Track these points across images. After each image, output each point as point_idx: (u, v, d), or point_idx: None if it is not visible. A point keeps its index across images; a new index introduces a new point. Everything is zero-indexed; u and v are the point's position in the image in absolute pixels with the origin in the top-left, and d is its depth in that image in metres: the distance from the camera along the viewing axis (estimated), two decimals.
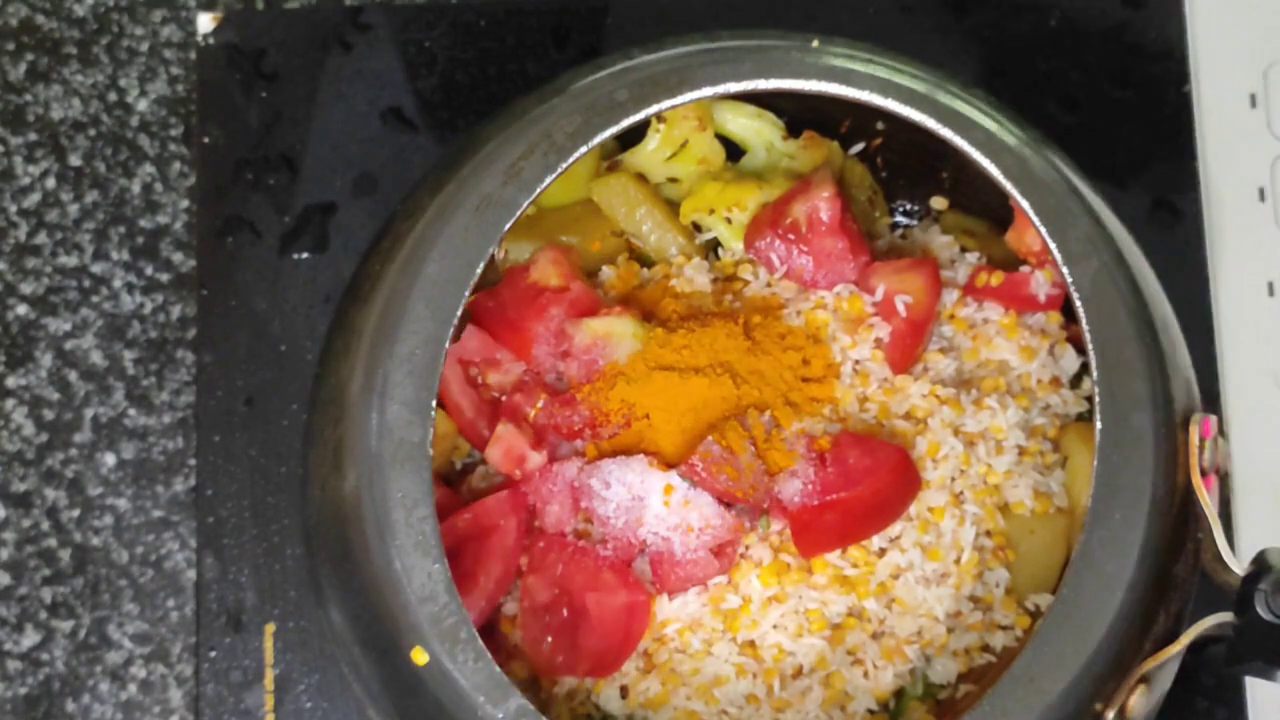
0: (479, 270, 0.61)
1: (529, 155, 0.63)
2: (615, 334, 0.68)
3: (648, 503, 0.65)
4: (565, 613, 0.65)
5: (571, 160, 0.62)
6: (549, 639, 0.65)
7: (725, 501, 0.66)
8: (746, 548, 0.67)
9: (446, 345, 0.61)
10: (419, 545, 0.59)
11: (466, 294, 0.61)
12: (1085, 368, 0.70)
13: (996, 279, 0.70)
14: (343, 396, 0.63)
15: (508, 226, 0.62)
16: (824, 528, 0.66)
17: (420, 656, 0.59)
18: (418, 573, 0.59)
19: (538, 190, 0.62)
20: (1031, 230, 0.64)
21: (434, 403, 0.60)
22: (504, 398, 0.69)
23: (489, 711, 0.58)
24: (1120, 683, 0.60)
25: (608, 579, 0.65)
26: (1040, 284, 0.70)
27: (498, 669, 0.58)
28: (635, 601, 0.65)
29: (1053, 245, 0.62)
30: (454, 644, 0.59)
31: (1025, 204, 0.62)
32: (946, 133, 0.63)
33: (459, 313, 0.61)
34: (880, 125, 0.74)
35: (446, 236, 0.62)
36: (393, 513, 0.60)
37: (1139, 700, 0.60)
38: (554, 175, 0.62)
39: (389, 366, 0.61)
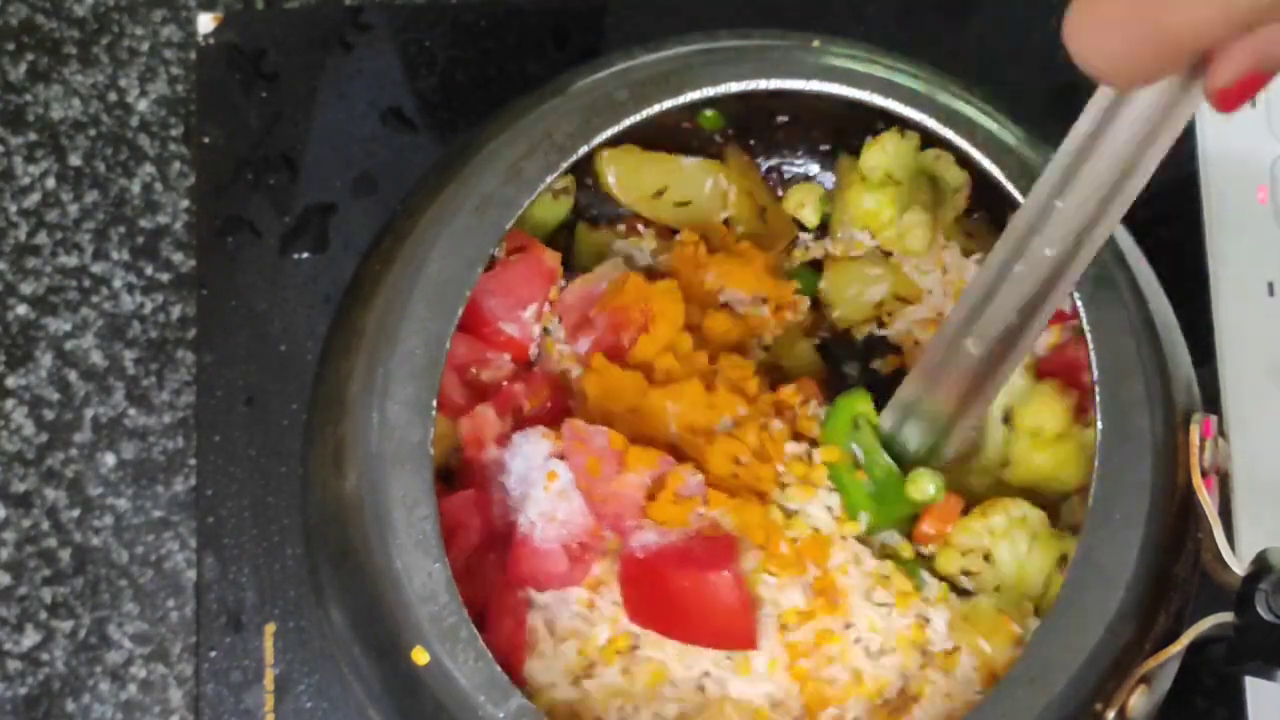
0: (480, 270, 0.61)
1: (530, 155, 0.63)
2: (602, 272, 0.68)
3: (533, 481, 0.65)
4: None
5: (572, 159, 0.62)
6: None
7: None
8: None
9: (447, 345, 0.61)
10: (419, 544, 0.59)
11: (467, 293, 0.61)
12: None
13: None
14: (343, 396, 0.63)
15: (509, 225, 0.62)
16: (646, 598, 0.64)
17: (420, 656, 0.59)
18: (418, 572, 0.59)
19: (539, 189, 0.62)
20: None
21: (435, 402, 0.60)
22: (506, 383, 0.69)
23: (490, 711, 0.58)
24: (1120, 683, 0.60)
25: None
26: None
27: (498, 669, 0.58)
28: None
29: None
30: (454, 644, 0.59)
31: None
32: (947, 133, 0.63)
33: (460, 312, 0.61)
34: (880, 126, 0.74)
35: (447, 236, 0.62)
36: (393, 512, 0.60)
37: (1139, 700, 0.60)
38: (554, 174, 0.62)
39: (390, 366, 0.61)
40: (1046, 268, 0.56)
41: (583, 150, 0.62)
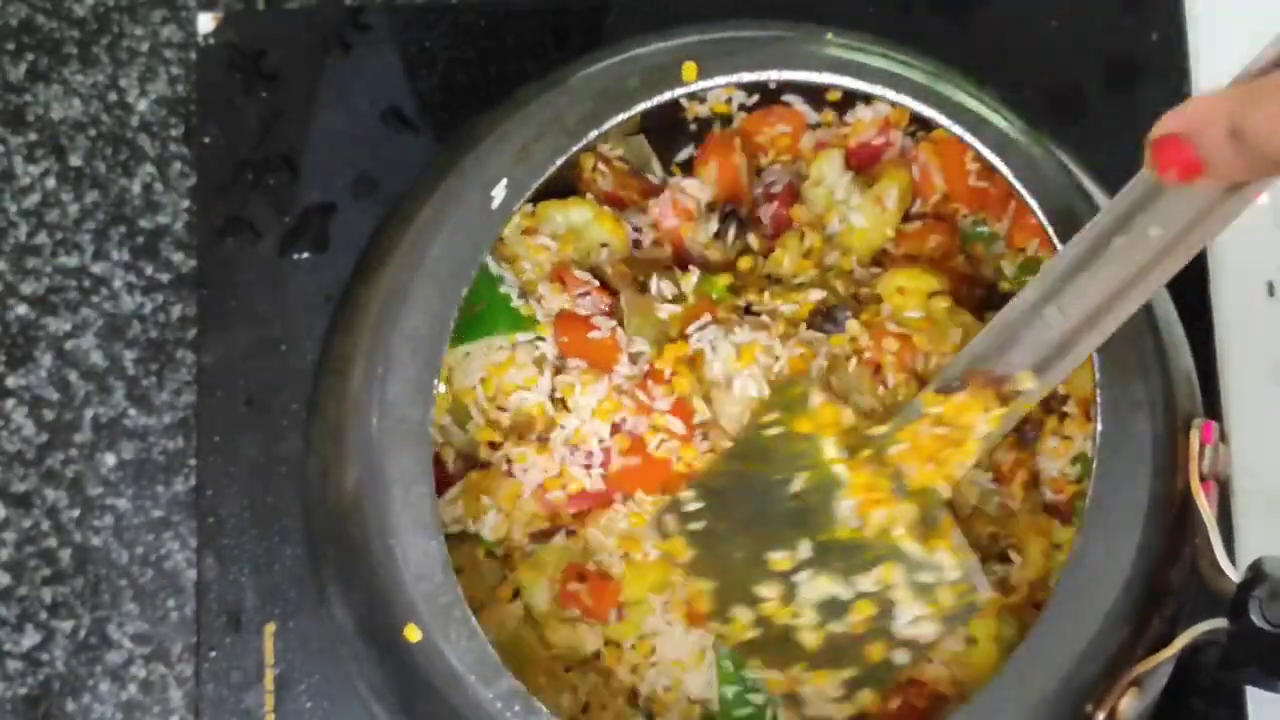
0: (486, 251, 0.62)
1: (539, 138, 0.63)
2: None
3: None
4: None
5: (581, 144, 0.62)
6: None
7: None
8: None
9: (450, 325, 0.61)
10: (416, 523, 0.60)
11: (473, 274, 0.61)
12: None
13: None
14: (345, 373, 0.63)
15: (517, 207, 0.62)
16: None
17: (413, 634, 0.59)
18: (414, 551, 0.59)
19: (547, 172, 0.62)
20: None
21: (435, 382, 0.60)
22: None
23: (480, 691, 0.58)
24: (1111, 685, 0.60)
25: None
26: None
27: (490, 648, 0.58)
28: None
29: (1059, 246, 0.62)
30: (447, 622, 0.59)
31: (1033, 203, 0.62)
32: (958, 130, 0.63)
33: (464, 293, 0.61)
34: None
35: (455, 217, 0.62)
36: (392, 490, 0.60)
37: (1129, 703, 0.60)
38: (563, 157, 0.62)
39: (392, 344, 0.61)
40: (1151, 249, 0.55)
41: (593, 134, 0.62)
